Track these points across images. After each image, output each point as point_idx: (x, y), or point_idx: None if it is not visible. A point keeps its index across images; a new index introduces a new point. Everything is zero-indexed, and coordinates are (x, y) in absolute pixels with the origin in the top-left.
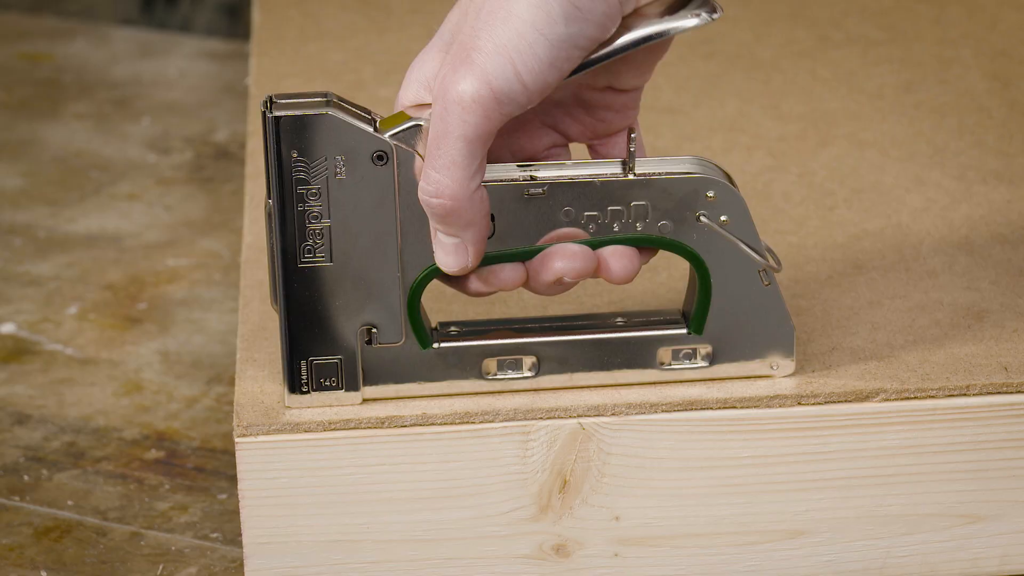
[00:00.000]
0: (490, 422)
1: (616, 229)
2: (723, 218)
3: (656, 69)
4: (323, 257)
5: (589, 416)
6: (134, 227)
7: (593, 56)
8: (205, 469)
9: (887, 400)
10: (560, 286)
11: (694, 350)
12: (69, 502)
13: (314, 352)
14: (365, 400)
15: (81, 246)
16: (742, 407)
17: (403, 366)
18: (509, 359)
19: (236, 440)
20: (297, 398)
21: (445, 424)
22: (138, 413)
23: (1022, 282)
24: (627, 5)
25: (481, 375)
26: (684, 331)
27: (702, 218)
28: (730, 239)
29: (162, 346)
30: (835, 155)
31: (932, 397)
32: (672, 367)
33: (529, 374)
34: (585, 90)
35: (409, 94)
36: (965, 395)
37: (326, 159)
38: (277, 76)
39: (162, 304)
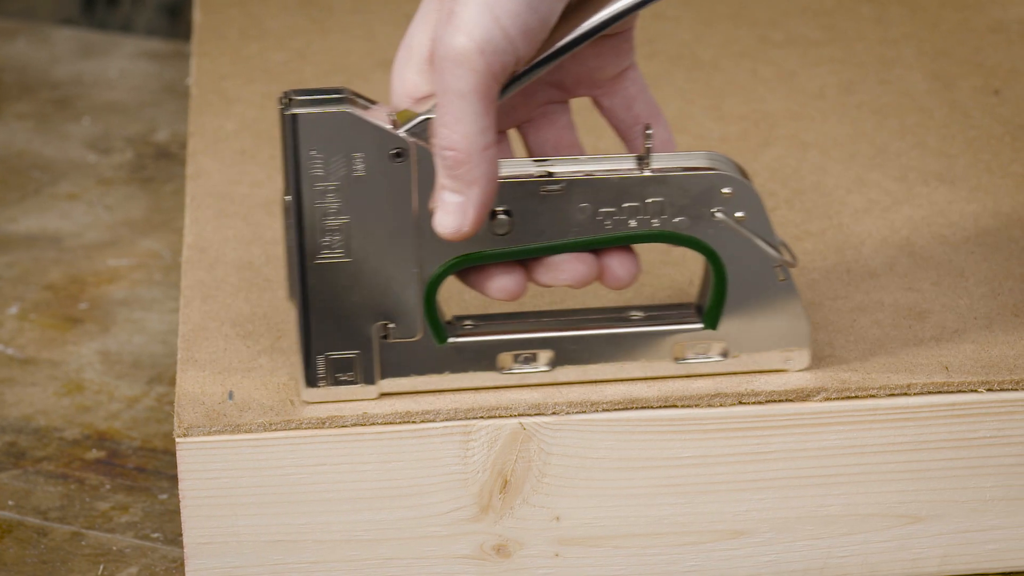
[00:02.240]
0: (431, 421)
1: (632, 225)
2: (739, 214)
3: None
4: (340, 253)
5: (529, 415)
6: (75, 227)
7: (587, 28)
8: (146, 469)
9: (828, 400)
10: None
11: (709, 344)
12: (10, 502)
13: (331, 347)
14: (382, 394)
15: (22, 246)
16: (683, 406)
17: (419, 361)
18: (524, 353)
19: (176, 440)
20: (313, 392)
21: (386, 424)
22: (79, 413)
23: (963, 283)
24: None
25: (497, 369)
26: (699, 326)
27: (718, 214)
28: (746, 235)
29: (103, 346)
30: (776, 156)
31: (873, 397)
32: (687, 361)
33: (544, 368)
34: None
35: (412, 75)
36: (906, 395)
37: (343, 156)
38: (218, 76)
39: (103, 304)
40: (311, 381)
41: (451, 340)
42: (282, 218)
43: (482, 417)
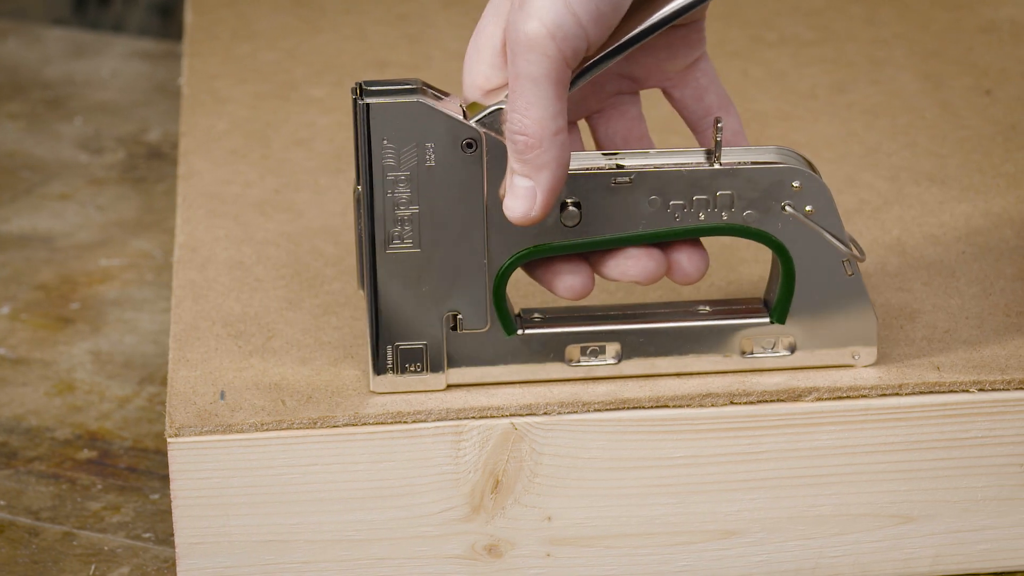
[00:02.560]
0: (422, 422)
1: (702, 218)
2: (808, 208)
3: None
4: (411, 243)
5: (521, 415)
6: (66, 227)
7: (658, 18)
8: (137, 469)
9: (819, 400)
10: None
11: (776, 339)
12: (1, 502)
13: (400, 337)
14: (450, 385)
15: (13, 246)
16: (674, 406)
17: (487, 352)
18: (593, 346)
19: (168, 440)
20: (382, 382)
21: (377, 424)
22: (70, 413)
23: (954, 283)
24: None
25: (564, 361)
26: (767, 320)
27: (787, 208)
28: (815, 229)
29: (94, 346)
30: None
31: (864, 397)
32: (754, 356)
33: (612, 361)
34: None
35: (483, 67)
36: (897, 395)
37: (416, 146)
38: (209, 76)
39: (94, 304)
40: (379, 370)
41: (519, 332)
42: (353, 208)
43: (473, 417)
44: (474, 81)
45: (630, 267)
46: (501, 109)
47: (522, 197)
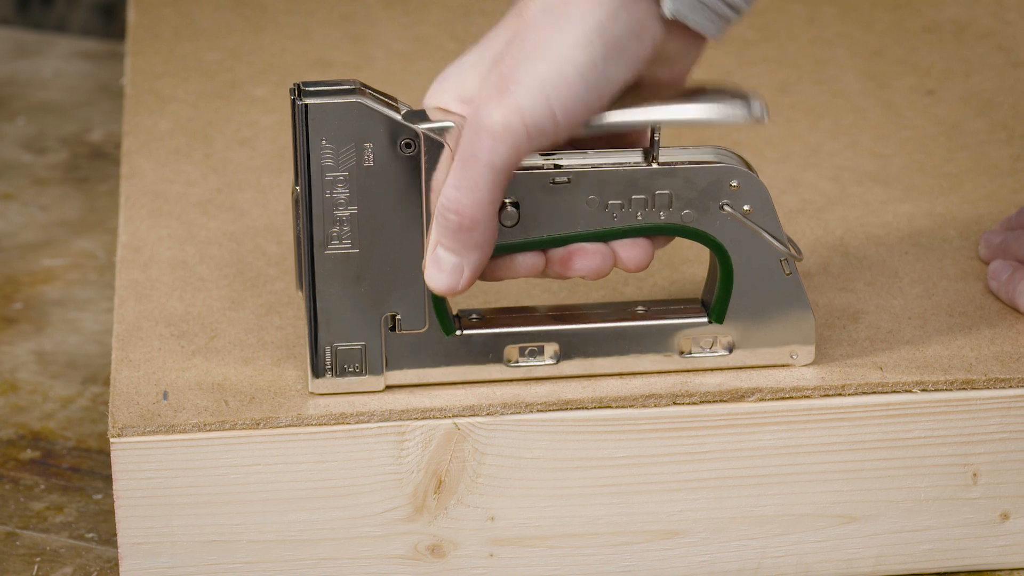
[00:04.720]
0: (365, 422)
1: (640, 217)
2: (746, 207)
3: None
4: (349, 244)
5: (464, 416)
6: (9, 227)
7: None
8: (80, 469)
9: (762, 400)
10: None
11: (715, 339)
12: None
13: (339, 338)
14: (388, 386)
15: None
16: (617, 407)
17: (426, 353)
18: (531, 346)
19: (111, 440)
20: (320, 383)
21: (320, 425)
22: (13, 413)
23: (897, 283)
24: (657, 48)
25: (503, 362)
26: (705, 320)
27: (725, 207)
28: (753, 228)
29: (37, 346)
30: None
31: (807, 397)
32: (693, 355)
33: (551, 361)
34: None
35: (441, 102)
36: (840, 395)
37: (354, 146)
38: (152, 76)
39: (37, 304)
40: (318, 372)
41: (458, 332)
42: (292, 209)
43: (416, 419)
44: (437, 103)
45: (576, 262)
46: (451, 127)
47: (448, 272)
